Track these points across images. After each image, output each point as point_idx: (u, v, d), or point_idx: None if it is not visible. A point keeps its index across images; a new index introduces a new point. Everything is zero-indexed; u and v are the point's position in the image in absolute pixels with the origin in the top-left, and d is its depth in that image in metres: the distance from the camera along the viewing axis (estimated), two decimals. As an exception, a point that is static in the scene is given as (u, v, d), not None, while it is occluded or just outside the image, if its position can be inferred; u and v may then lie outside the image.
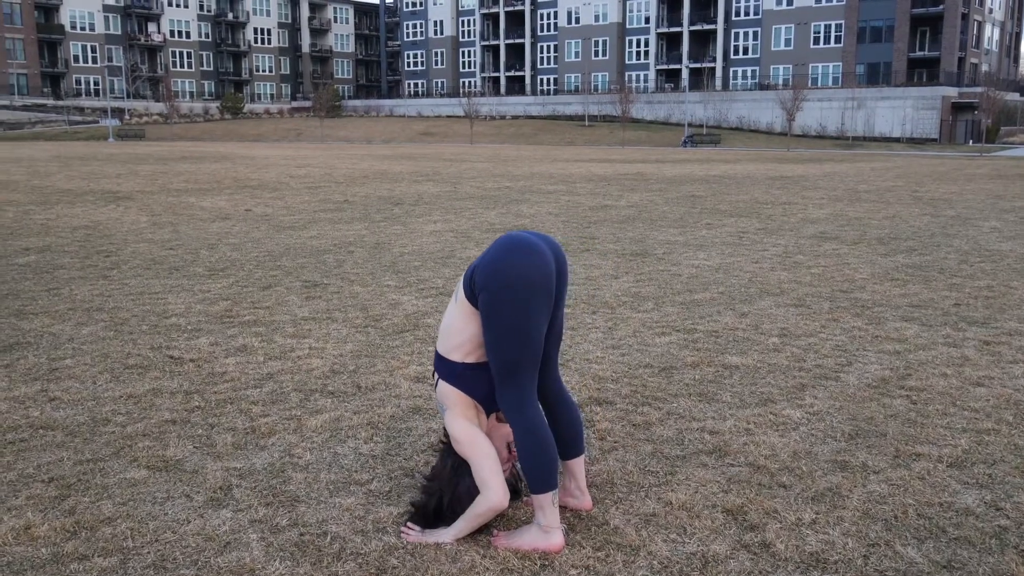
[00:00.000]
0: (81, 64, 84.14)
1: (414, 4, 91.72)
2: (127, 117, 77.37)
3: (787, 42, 68.28)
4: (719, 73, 72.47)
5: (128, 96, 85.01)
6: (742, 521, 3.11)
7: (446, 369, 3.07)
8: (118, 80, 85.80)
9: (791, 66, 67.91)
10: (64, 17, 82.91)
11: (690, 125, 66.02)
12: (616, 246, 10.10)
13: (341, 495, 3.31)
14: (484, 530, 3.04)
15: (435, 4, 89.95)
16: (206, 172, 24.12)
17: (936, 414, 4.25)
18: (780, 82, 67.63)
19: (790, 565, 2.81)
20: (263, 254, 9.39)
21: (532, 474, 2.91)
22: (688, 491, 3.35)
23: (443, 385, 3.08)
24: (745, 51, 71.09)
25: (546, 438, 2.93)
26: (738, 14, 70.94)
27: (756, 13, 69.84)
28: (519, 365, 2.92)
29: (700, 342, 5.64)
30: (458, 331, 3.03)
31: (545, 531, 2.91)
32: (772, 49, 69.08)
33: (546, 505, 2.91)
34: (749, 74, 70.95)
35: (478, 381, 3.06)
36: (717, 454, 3.74)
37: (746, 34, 70.81)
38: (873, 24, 64.58)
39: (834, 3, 65.72)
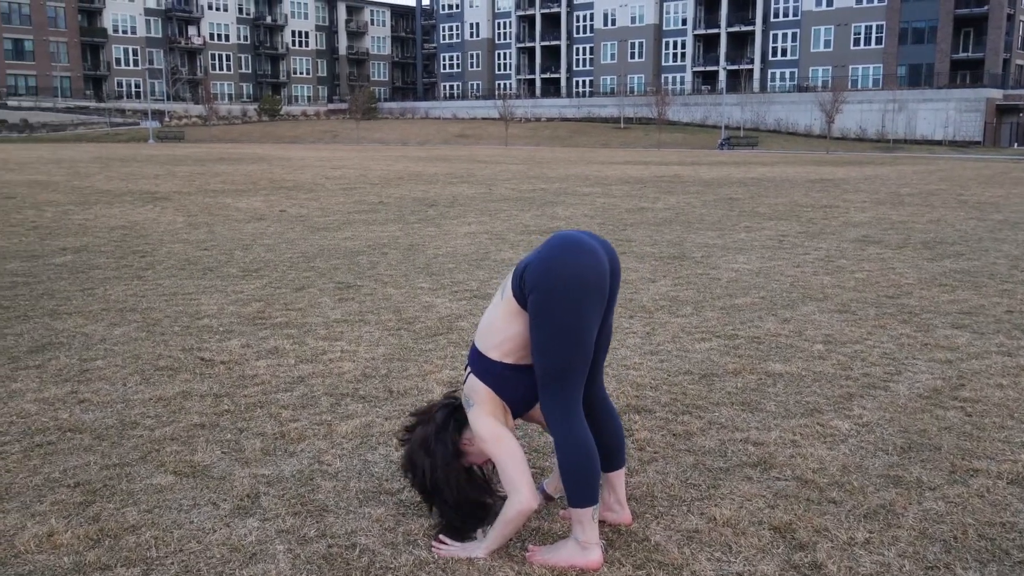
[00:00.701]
0: (123, 67, 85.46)
1: (450, 6, 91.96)
2: (167, 119, 78.40)
3: (827, 43, 67.42)
4: (757, 75, 71.75)
5: (168, 98, 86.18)
6: (791, 539, 2.95)
7: (482, 366, 2.92)
8: (158, 82, 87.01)
9: (830, 68, 67.03)
10: (107, 21, 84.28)
11: (727, 127, 65.42)
12: (653, 249, 9.93)
13: (371, 505, 3.20)
14: (519, 544, 2.91)
15: (471, 6, 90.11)
16: (243, 173, 24.28)
17: (993, 427, 4.05)
18: (819, 84, 66.78)
19: (843, 589, 2.65)
20: (297, 255, 9.35)
21: (574, 487, 2.76)
22: (732, 506, 3.20)
23: (475, 381, 2.94)
24: (783, 52, 70.30)
25: (590, 450, 2.78)
26: (776, 15, 70.18)
27: (795, 14, 69.04)
28: (567, 371, 2.76)
29: (741, 348, 5.46)
30: (500, 329, 2.88)
31: (583, 547, 2.77)
32: (811, 50, 68.24)
33: (585, 520, 2.77)
34: (787, 76, 70.15)
35: (513, 383, 2.92)
36: (762, 467, 3.58)
37: (784, 35, 70.03)
38: (915, 25, 63.53)
39: (875, 4, 64.77)
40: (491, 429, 2.85)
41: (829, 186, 20.88)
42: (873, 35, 65.33)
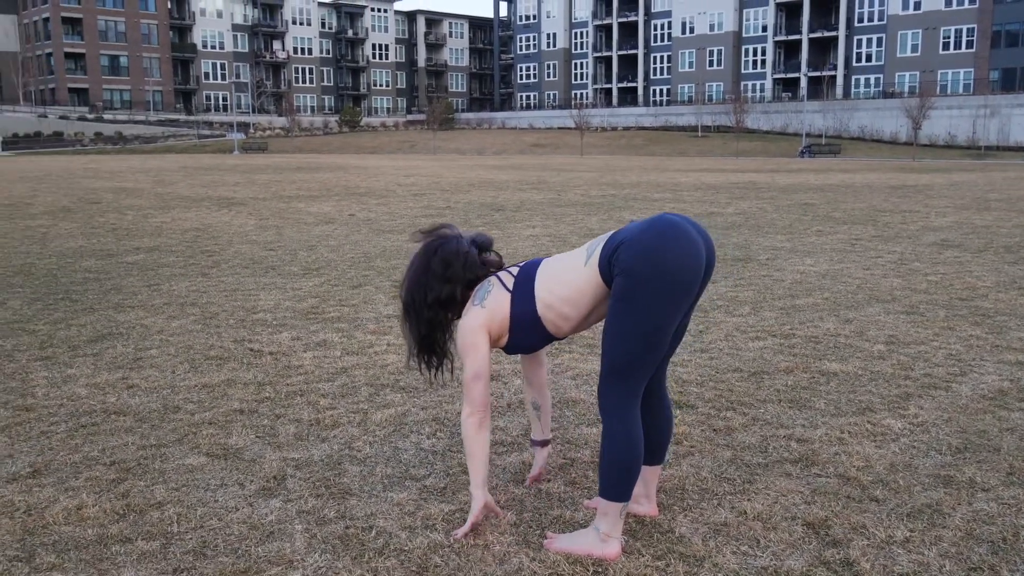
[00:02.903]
0: (211, 81, 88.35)
1: (527, 17, 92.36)
2: (252, 131, 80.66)
3: (914, 48, 65.41)
4: (840, 81, 70.02)
5: (253, 111, 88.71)
6: (824, 536, 2.81)
7: (522, 295, 2.78)
8: (244, 96, 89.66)
9: (918, 73, 64.98)
10: (196, 36, 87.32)
11: (808, 135, 63.99)
12: (718, 251, 9.71)
13: (395, 490, 3.17)
14: (538, 531, 2.84)
15: (548, 17, 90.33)
16: (318, 180, 24.76)
17: (1060, 429, 3.80)
18: (905, 90, 64.79)
19: (875, 586, 2.50)
20: (359, 255, 9.45)
21: (609, 481, 2.66)
22: (766, 501, 3.07)
23: (504, 298, 2.80)
24: (868, 58, 68.45)
25: (638, 450, 2.66)
26: (861, 20, 68.42)
27: (880, 19, 67.20)
28: (637, 366, 2.61)
29: (797, 347, 5.28)
30: (565, 296, 2.71)
31: (603, 539, 2.68)
32: (897, 55, 66.30)
33: (612, 514, 2.68)
34: (872, 82, 68.26)
35: (530, 334, 2.80)
36: (803, 463, 3.43)
37: (869, 40, 68.19)
38: (1008, 28, 61.15)
39: (966, 6, 62.57)
40: (477, 335, 2.78)
41: (911, 192, 20.19)
42: (964, 39, 63.09)
